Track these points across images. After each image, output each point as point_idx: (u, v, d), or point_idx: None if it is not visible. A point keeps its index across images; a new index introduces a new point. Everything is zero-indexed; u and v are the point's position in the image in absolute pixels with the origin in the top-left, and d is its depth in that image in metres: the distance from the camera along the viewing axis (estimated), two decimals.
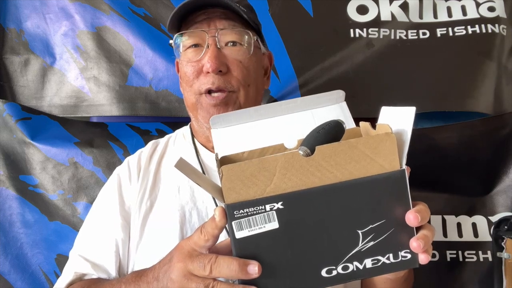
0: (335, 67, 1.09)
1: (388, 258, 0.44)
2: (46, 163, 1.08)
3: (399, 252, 0.44)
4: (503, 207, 1.03)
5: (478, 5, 1.13)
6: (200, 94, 0.72)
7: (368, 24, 1.12)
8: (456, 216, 1.04)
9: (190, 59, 0.72)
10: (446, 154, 1.05)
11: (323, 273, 0.44)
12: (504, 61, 1.10)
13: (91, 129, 1.12)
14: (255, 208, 0.42)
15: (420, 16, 1.13)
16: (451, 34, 1.11)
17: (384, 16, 1.13)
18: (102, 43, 1.14)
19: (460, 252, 1.02)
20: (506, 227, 0.94)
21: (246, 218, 0.42)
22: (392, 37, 1.11)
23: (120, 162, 0.84)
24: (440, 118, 1.09)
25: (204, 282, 0.45)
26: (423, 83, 1.08)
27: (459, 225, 1.03)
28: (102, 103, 1.13)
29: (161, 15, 1.14)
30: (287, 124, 0.54)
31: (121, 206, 0.73)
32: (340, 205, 0.43)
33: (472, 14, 1.12)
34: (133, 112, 1.11)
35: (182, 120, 1.04)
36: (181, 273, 0.46)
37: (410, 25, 1.12)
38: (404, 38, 1.11)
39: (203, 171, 0.75)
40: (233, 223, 0.42)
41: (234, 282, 0.45)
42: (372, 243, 0.43)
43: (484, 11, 1.12)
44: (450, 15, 1.13)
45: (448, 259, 1.02)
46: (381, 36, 1.11)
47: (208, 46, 0.70)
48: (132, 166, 0.77)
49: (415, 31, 1.12)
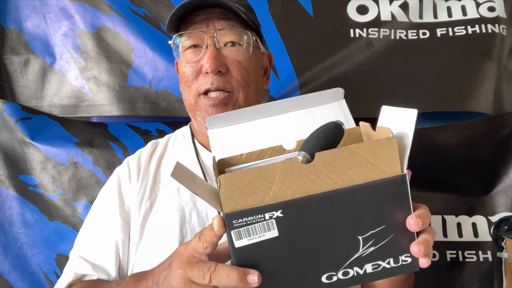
0: (335, 67, 1.09)
1: (388, 263, 0.44)
2: (46, 163, 1.08)
3: (400, 257, 0.44)
4: (503, 207, 1.03)
5: (478, 5, 1.13)
6: (199, 95, 0.72)
7: (368, 24, 1.12)
8: (456, 216, 1.04)
9: (189, 60, 0.72)
10: (446, 154, 1.05)
11: (324, 279, 0.44)
12: (504, 61, 1.10)
13: (91, 129, 1.12)
14: (254, 217, 0.41)
15: (420, 16, 1.13)
16: (451, 34, 1.11)
17: (384, 16, 1.13)
18: (102, 43, 1.14)
19: (460, 252, 1.02)
20: (506, 227, 0.94)
21: (245, 227, 0.42)
22: (392, 37, 1.11)
23: (120, 162, 0.84)
24: (440, 118, 1.09)
25: None
26: (423, 83, 1.08)
27: (459, 225, 1.03)
28: (102, 103, 1.13)
29: (161, 15, 1.14)
30: (286, 123, 0.53)
31: (120, 206, 0.73)
32: (341, 211, 0.42)
33: (472, 14, 1.12)
34: (133, 112, 1.11)
35: (182, 120, 1.04)
36: (181, 280, 0.46)
37: (410, 25, 1.12)
38: (404, 38, 1.11)
39: (203, 171, 0.75)
40: (232, 232, 0.42)
41: None
42: (372, 248, 0.43)
43: (484, 11, 1.12)
44: (450, 15, 1.13)
45: (448, 259, 1.02)
46: (381, 36, 1.11)
47: (207, 47, 0.70)
48: (132, 166, 0.77)
49: (415, 31, 1.12)
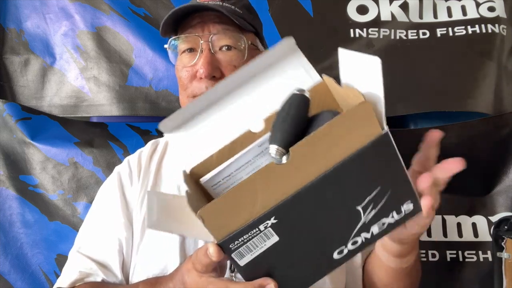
0: (335, 67, 1.08)
1: (392, 217, 0.43)
2: (46, 163, 1.08)
3: (401, 207, 0.43)
4: (503, 207, 1.03)
5: (478, 5, 1.13)
6: (193, 97, 0.71)
7: (368, 24, 1.12)
8: (456, 216, 1.04)
9: (185, 64, 0.72)
10: (446, 154, 1.05)
11: (335, 255, 0.43)
12: (504, 61, 1.10)
13: (91, 129, 1.12)
14: (249, 234, 0.40)
15: (420, 16, 1.13)
16: (451, 34, 1.11)
17: (384, 16, 1.13)
18: (102, 43, 1.14)
19: (460, 252, 1.02)
20: (506, 227, 0.94)
21: (244, 246, 0.40)
22: (392, 37, 1.11)
23: (120, 162, 0.84)
24: (440, 118, 1.09)
25: None
26: (423, 83, 1.08)
27: (459, 225, 1.03)
28: (102, 103, 1.13)
29: (161, 15, 1.14)
30: (245, 101, 0.47)
31: (123, 205, 0.72)
32: (333, 192, 0.40)
33: (472, 14, 1.12)
34: (133, 112, 1.11)
35: None
36: None
37: (410, 25, 1.12)
38: (404, 38, 1.11)
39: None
40: (232, 255, 0.41)
41: None
42: (374, 212, 0.42)
43: (484, 11, 1.12)
44: (450, 15, 1.13)
45: (448, 259, 1.02)
46: (381, 36, 1.11)
47: (201, 51, 0.70)
48: (133, 165, 0.76)
49: (415, 31, 1.12)
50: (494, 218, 1.02)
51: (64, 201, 1.07)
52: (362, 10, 1.14)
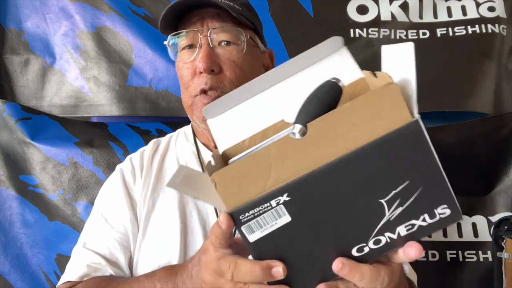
0: None
1: (424, 220, 0.39)
2: (46, 163, 1.08)
3: (435, 210, 0.39)
4: (503, 207, 1.03)
5: (478, 5, 1.13)
6: (195, 96, 0.72)
7: (368, 24, 1.12)
8: None
9: (185, 60, 0.72)
10: (446, 154, 1.05)
11: (354, 252, 0.40)
12: (504, 61, 1.10)
13: (91, 129, 1.12)
14: (260, 208, 0.39)
15: (420, 16, 1.13)
16: (451, 34, 1.11)
17: (384, 16, 1.13)
18: (102, 43, 1.14)
19: (460, 252, 1.02)
20: (506, 227, 0.94)
21: (255, 220, 0.39)
22: (392, 37, 1.11)
23: (120, 162, 0.84)
24: (440, 118, 1.09)
25: (235, 284, 0.43)
26: (423, 83, 1.07)
27: (459, 225, 1.03)
28: (102, 103, 1.13)
29: (161, 15, 1.14)
30: (285, 93, 0.47)
31: (127, 201, 0.73)
32: (352, 179, 0.38)
33: (472, 14, 1.12)
34: (133, 112, 1.11)
35: (182, 120, 1.04)
36: (211, 277, 0.45)
37: (410, 25, 1.12)
38: (404, 38, 1.11)
39: (203, 171, 0.75)
40: (242, 228, 0.40)
41: None
42: (400, 209, 0.39)
43: (484, 11, 1.12)
44: (450, 15, 1.13)
45: (448, 259, 1.02)
46: (381, 36, 1.11)
47: (200, 46, 0.70)
48: (135, 163, 0.77)
49: (415, 31, 1.12)
50: (494, 218, 1.02)
51: (64, 201, 1.07)
52: (362, 10, 1.14)
